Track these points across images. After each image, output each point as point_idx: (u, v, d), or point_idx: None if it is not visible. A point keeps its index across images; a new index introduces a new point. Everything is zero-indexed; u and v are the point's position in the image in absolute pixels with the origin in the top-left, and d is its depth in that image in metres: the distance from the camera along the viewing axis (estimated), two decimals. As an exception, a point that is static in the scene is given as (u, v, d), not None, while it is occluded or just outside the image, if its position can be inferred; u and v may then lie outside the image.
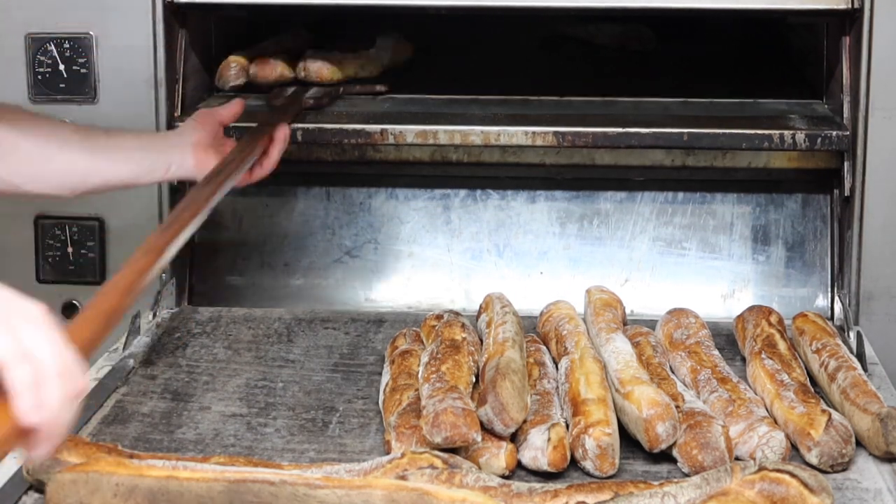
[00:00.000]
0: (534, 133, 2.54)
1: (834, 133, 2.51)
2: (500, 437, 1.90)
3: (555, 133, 2.54)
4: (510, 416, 1.89)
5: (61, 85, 2.54)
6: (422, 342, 2.26)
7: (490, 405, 1.89)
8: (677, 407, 1.97)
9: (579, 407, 1.97)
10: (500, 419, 1.89)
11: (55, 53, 2.54)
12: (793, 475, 1.68)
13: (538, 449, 1.90)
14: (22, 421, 1.25)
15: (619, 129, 2.53)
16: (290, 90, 2.75)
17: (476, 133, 2.54)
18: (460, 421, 1.86)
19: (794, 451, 1.95)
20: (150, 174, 2.30)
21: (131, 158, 2.28)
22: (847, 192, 2.55)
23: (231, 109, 2.45)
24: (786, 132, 2.51)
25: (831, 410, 1.97)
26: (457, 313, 2.30)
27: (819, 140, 2.50)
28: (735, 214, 2.70)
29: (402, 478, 1.74)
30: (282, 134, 2.38)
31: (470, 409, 1.90)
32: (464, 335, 2.17)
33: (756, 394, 2.10)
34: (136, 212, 2.57)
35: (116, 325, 1.57)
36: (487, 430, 1.90)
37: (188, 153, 2.31)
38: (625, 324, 2.35)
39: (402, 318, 2.53)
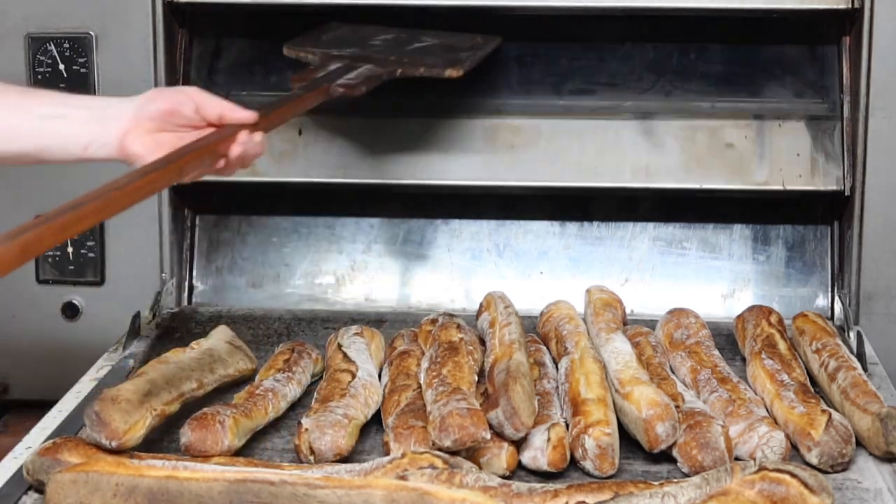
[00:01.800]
0: (533, 187, 2.61)
1: (831, 188, 2.55)
2: (503, 438, 1.90)
3: (551, 190, 2.61)
4: (521, 421, 1.88)
5: (61, 85, 2.54)
6: (421, 342, 2.26)
7: (502, 409, 1.88)
8: (677, 407, 1.97)
9: (579, 407, 1.97)
10: (511, 423, 1.88)
11: (55, 53, 2.54)
12: (793, 475, 1.68)
13: (538, 449, 1.90)
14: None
15: (615, 185, 2.59)
16: (321, 55, 2.37)
17: (475, 188, 2.60)
18: (467, 421, 1.85)
19: (794, 451, 1.95)
20: (63, 149, 1.93)
21: (37, 127, 1.92)
22: (847, 192, 2.55)
23: (233, 111, 1.98)
24: (780, 189, 2.56)
25: (831, 410, 1.97)
26: (451, 315, 2.29)
27: (815, 195, 2.58)
28: (735, 214, 2.70)
29: (403, 478, 1.74)
30: (238, 149, 1.95)
31: (475, 408, 1.89)
32: (460, 335, 2.17)
33: (756, 394, 2.10)
34: (136, 211, 2.56)
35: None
36: (497, 434, 1.89)
37: (116, 133, 1.92)
38: (625, 324, 2.35)
39: (401, 318, 2.53)
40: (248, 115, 1.99)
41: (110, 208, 1.72)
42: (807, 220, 2.69)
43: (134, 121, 1.93)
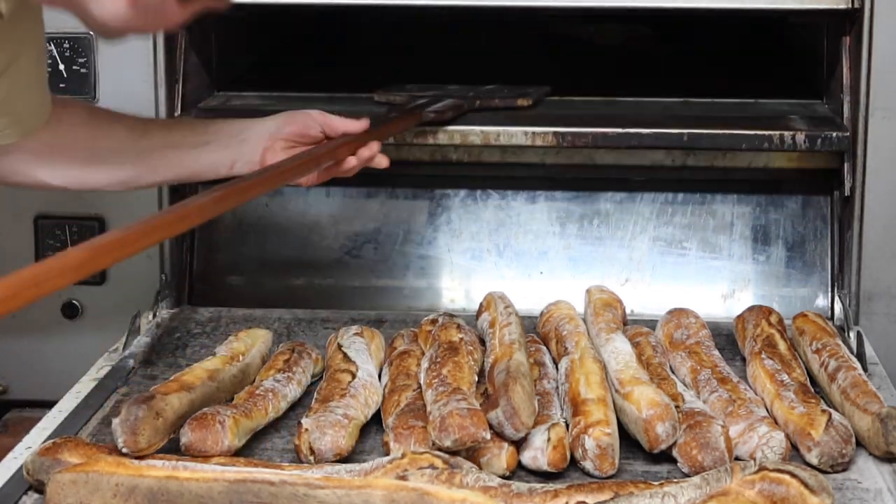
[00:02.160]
0: (533, 133, 2.56)
1: (834, 134, 2.52)
2: (503, 438, 1.90)
3: (554, 133, 2.55)
4: (521, 421, 1.88)
5: (61, 85, 2.54)
6: (421, 342, 2.26)
7: (502, 409, 1.88)
8: (677, 407, 1.97)
9: (579, 407, 1.97)
10: (511, 423, 1.88)
11: (55, 53, 2.54)
12: (793, 475, 1.68)
13: (538, 449, 1.90)
14: None
15: (619, 130, 2.54)
16: (407, 97, 2.65)
17: (475, 133, 2.56)
18: (467, 421, 1.85)
19: (794, 451, 1.95)
20: (213, 170, 2.23)
21: (190, 156, 2.22)
22: (847, 192, 2.55)
23: (352, 125, 2.27)
24: (786, 133, 2.52)
25: (831, 410, 1.97)
26: (451, 315, 2.29)
27: (819, 141, 2.51)
28: (735, 214, 2.70)
29: (403, 478, 1.74)
30: (367, 153, 2.24)
31: (475, 408, 1.89)
32: (461, 335, 2.17)
33: (756, 394, 2.10)
34: (136, 211, 2.56)
35: None
36: (497, 434, 1.89)
37: (257, 151, 2.23)
38: (625, 324, 2.35)
39: (401, 318, 2.53)
40: (363, 125, 2.28)
41: (270, 183, 2.01)
42: (808, 189, 2.67)
43: (270, 140, 2.23)
